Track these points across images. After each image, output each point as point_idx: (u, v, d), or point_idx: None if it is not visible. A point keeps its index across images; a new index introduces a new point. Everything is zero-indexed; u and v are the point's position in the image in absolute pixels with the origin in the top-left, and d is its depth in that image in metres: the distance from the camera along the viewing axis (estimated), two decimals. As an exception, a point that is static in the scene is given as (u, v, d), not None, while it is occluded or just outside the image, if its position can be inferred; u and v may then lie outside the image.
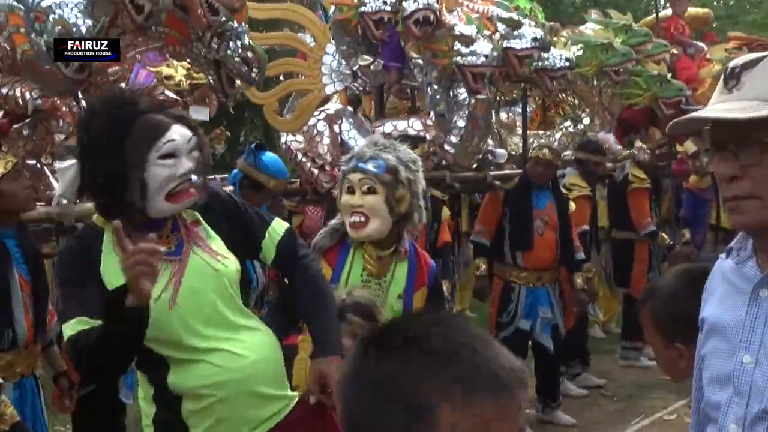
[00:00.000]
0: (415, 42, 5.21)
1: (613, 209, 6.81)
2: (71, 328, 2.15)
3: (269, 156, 4.53)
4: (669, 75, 6.71)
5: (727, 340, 1.49)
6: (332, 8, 5.42)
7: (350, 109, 5.97)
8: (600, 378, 6.28)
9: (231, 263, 2.30)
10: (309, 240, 5.90)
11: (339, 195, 3.05)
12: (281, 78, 5.88)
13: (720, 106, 1.47)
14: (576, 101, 7.29)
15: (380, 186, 2.89)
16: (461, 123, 5.29)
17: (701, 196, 7.45)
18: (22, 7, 3.43)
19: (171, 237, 2.28)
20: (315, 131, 5.47)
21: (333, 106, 5.84)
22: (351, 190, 2.94)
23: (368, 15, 5.07)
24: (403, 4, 4.94)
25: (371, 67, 5.42)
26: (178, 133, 2.17)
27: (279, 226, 2.45)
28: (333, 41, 5.48)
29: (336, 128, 5.51)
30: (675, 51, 7.37)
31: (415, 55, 5.45)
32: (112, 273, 2.15)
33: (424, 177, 3.37)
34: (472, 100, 5.24)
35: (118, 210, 2.19)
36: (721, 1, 18.57)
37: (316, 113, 5.51)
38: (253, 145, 4.60)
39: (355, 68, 5.45)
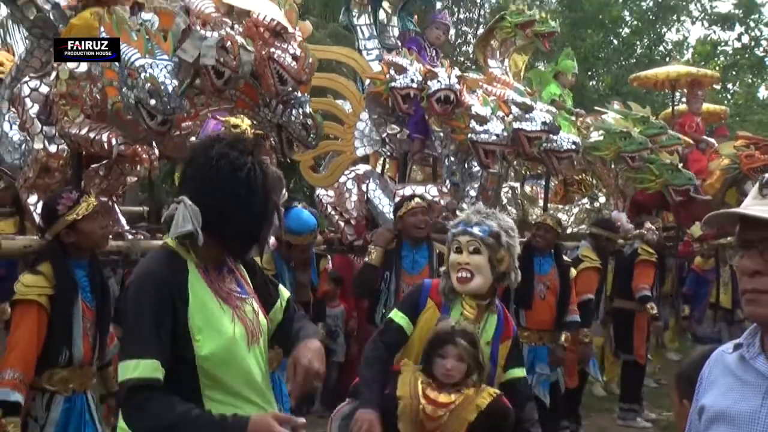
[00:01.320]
0: (436, 117, 5.34)
1: (618, 279, 6.81)
2: (141, 369, 1.99)
3: (291, 216, 4.40)
4: (680, 165, 6.82)
5: (737, 429, 1.52)
6: (367, 81, 5.61)
7: (378, 171, 6.23)
8: (598, 434, 6.29)
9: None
10: (344, 276, 6.00)
11: (447, 253, 3.16)
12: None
13: (755, 208, 1.52)
14: (594, 181, 7.40)
15: (485, 247, 3.03)
16: (473, 193, 5.47)
17: (704, 276, 7.58)
18: (117, 64, 3.53)
19: (229, 277, 2.21)
20: (345, 188, 5.73)
21: (362, 166, 6.07)
22: (459, 250, 3.06)
23: (397, 90, 5.19)
24: (429, 83, 5.09)
25: (398, 136, 5.62)
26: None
27: (285, 291, 2.44)
28: (366, 110, 5.66)
29: (363, 187, 5.75)
30: (688, 144, 7.53)
31: (436, 129, 5.58)
32: (201, 317, 2.06)
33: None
34: (485, 174, 5.45)
35: (223, 246, 2.15)
36: (731, 100, 18.98)
37: (346, 172, 5.74)
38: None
39: (384, 135, 5.63)
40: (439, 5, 6.62)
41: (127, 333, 2.13)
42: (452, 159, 5.53)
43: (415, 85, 5.20)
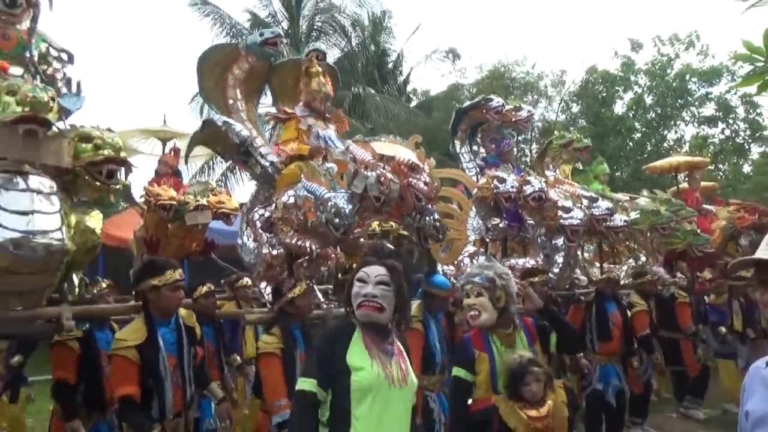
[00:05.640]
0: (529, 210, 5.65)
1: (661, 316, 7.12)
2: (307, 384, 2.23)
3: (436, 278, 4.62)
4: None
5: None
6: (475, 190, 6.01)
7: (482, 249, 6.56)
8: (655, 429, 6.60)
9: None
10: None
11: (462, 300, 3.33)
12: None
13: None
14: (635, 245, 7.65)
15: (484, 290, 3.16)
16: (559, 260, 5.66)
17: (718, 309, 7.69)
18: (312, 197, 3.93)
19: (385, 341, 2.35)
20: (462, 263, 6.15)
21: (471, 248, 6.45)
22: (468, 295, 3.22)
23: (501, 194, 5.58)
24: (524, 188, 5.46)
25: (500, 225, 5.89)
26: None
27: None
28: (474, 209, 6.11)
29: (474, 261, 6.08)
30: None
31: (528, 219, 5.87)
32: (355, 358, 2.23)
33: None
34: (566, 247, 5.64)
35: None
36: (723, 177, 19.53)
37: (463, 252, 6.22)
38: (426, 273, 4.68)
39: (489, 226, 5.94)
40: (507, 140, 6.97)
41: (306, 360, 2.48)
42: (543, 239, 5.73)
43: (513, 190, 5.54)
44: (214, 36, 17.85)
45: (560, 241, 5.62)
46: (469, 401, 3.18)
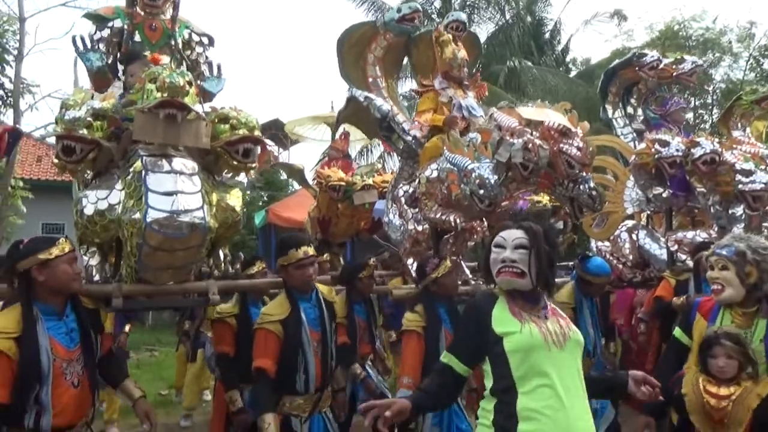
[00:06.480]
0: (700, 176, 5.00)
1: None
2: (446, 357, 2.21)
3: (593, 262, 4.38)
4: None
5: None
6: (632, 157, 5.42)
7: (643, 223, 5.97)
8: None
9: None
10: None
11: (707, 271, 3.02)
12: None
13: None
14: None
15: (731, 264, 2.84)
16: (739, 232, 4.86)
17: None
18: (455, 169, 3.81)
19: (535, 306, 2.21)
20: (620, 239, 5.61)
21: (630, 222, 5.86)
22: (712, 268, 2.92)
23: (664, 159, 4.98)
24: (692, 150, 4.83)
25: (663, 195, 5.29)
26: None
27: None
28: (632, 178, 5.49)
29: (633, 236, 5.59)
30: None
31: (698, 186, 5.20)
32: (503, 326, 2.12)
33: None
34: (747, 216, 4.90)
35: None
36: None
37: (620, 227, 5.64)
38: (580, 257, 4.49)
39: (650, 196, 5.35)
40: (675, 98, 6.17)
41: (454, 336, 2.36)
42: (717, 208, 5.04)
43: (680, 154, 4.96)
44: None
45: (739, 210, 4.93)
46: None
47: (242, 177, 3.49)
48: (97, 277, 3.30)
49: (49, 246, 2.54)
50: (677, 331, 3.06)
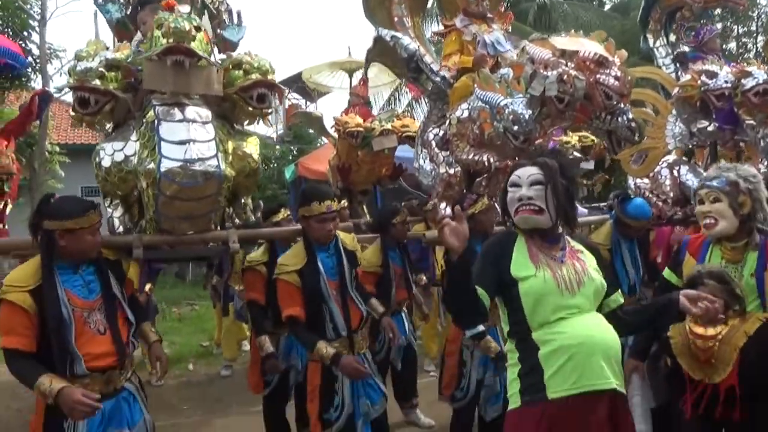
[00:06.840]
0: (750, 108, 4.69)
1: None
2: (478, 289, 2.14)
3: (632, 204, 4.23)
4: None
5: None
6: (675, 89, 5.12)
7: (684, 158, 5.64)
8: None
9: None
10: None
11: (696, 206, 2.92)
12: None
13: None
14: None
15: (723, 195, 2.73)
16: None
17: None
18: (487, 107, 3.63)
19: (554, 246, 2.18)
20: (660, 175, 5.32)
21: (671, 157, 5.49)
22: (702, 202, 2.81)
23: (711, 91, 4.70)
24: (742, 81, 4.51)
25: (708, 128, 4.97)
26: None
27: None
28: (675, 112, 5.17)
29: (675, 172, 5.29)
30: None
31: (747, 118, 4.91)
32: (519, 269, 2.11)
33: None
34: None
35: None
36: None
37: (660, 163, 5.33)
38: (619, 198, 4.32)
39: (694, 130, 5.04)
40: (719, 25, 5.70)
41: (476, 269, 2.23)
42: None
43: (728, 85, 4.65)
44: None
45: (791, 143, 4.62)
46: None
47: (268, 130, 3.35)
48: (121, 229, 3.25)
49: (78, 215, 2.49)
50: (666, 272, 2.98)
